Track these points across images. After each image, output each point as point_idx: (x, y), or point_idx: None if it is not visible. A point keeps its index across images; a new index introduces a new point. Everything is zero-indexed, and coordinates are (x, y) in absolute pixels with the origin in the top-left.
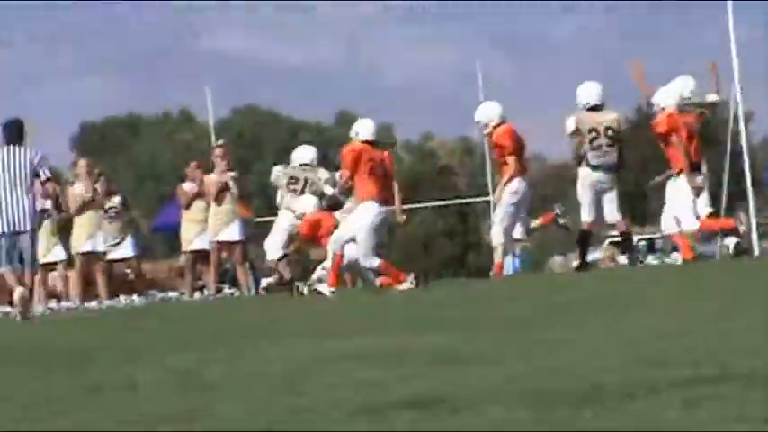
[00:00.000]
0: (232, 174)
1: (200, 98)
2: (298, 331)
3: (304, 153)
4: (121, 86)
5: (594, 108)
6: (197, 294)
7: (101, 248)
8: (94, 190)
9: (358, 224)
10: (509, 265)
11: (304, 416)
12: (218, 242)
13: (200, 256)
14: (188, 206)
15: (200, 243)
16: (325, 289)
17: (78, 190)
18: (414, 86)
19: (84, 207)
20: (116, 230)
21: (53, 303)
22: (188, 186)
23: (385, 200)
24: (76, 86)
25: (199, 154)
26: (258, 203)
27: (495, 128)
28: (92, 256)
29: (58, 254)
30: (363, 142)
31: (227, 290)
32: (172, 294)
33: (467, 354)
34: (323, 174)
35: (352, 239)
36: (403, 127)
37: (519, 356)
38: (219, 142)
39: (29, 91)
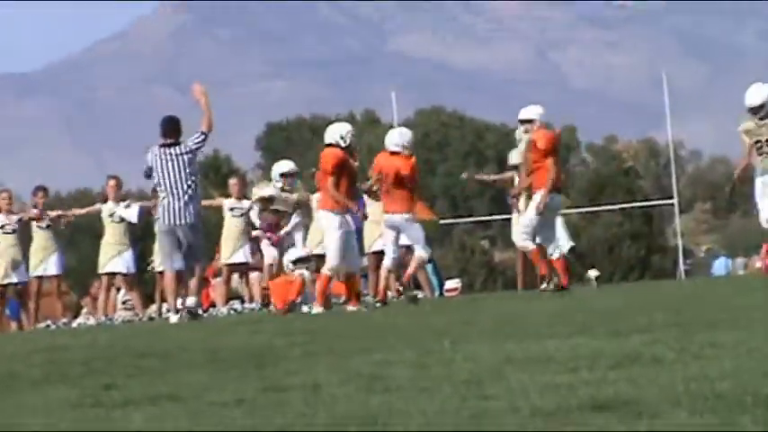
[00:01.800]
0: None
1: (384, 99)
2: (483, 333)
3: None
4: (307, 88)
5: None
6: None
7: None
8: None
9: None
10: (721, 266)
11: (490, 419)
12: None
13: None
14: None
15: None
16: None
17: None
18: (598, 89)
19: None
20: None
21: (236, 304)
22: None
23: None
24: (263, 89)
25: None
26: (441, 205)
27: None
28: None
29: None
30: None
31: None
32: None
33: (647, 357)
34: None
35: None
36: (587, 129)
37: (694, 358)
38: None
39: (216, 93)
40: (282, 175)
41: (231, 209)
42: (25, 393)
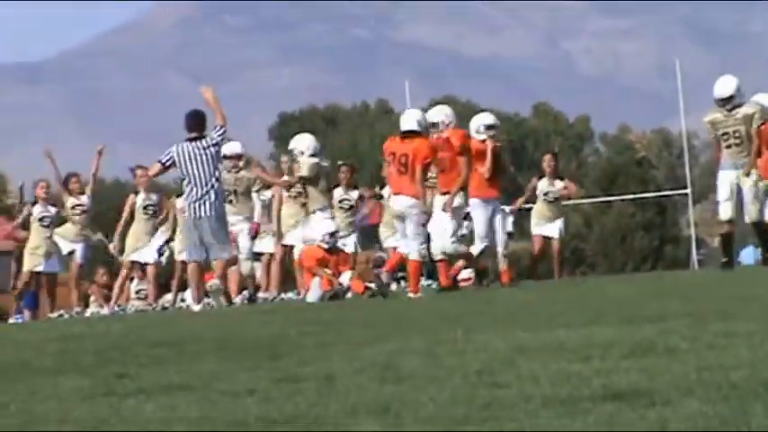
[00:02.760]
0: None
1: (398, 89)
2: (495, 322)
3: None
4: (318, 77)
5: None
6: (394, 286)
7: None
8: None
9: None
10: (749, 255)
11: (502, 408)
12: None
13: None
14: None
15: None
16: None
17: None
18: (610, 77)
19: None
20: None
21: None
22: None
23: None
24: (273, 77)
25: None
26: None
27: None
28: (291, 249)
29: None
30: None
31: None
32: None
33: (660, 346)
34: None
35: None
36: (599, 118)
37: (708, 348)
38: None
39: (225, 80)
40: (225, 157)
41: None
42: (38, 381)
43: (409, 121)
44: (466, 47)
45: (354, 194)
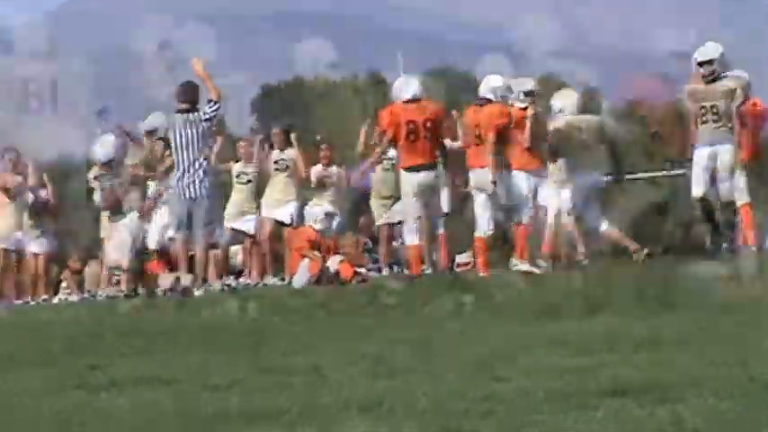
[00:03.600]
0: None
1: (392, 59)
2: (495, 312)
3: None
4: (307, 46)
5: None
6: (386, 271)
7: (286, 219)
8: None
9: None
10: None
11: (501, 402)
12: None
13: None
14: None
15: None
16: None
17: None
18: (619, 48)
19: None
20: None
21: (231, 280)
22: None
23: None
24: (259, 45)
25: None
26: None
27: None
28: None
29: (248, 225)
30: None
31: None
32: (361, 270)
33: (669, 338)
34: None
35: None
36: (608, 92)
37: (717, 342)
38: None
39: (208, 52)
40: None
41: (237, 175)
42: (6, 374)
43: (483, 88)
44: (463, 15)
45: (334, 170)
